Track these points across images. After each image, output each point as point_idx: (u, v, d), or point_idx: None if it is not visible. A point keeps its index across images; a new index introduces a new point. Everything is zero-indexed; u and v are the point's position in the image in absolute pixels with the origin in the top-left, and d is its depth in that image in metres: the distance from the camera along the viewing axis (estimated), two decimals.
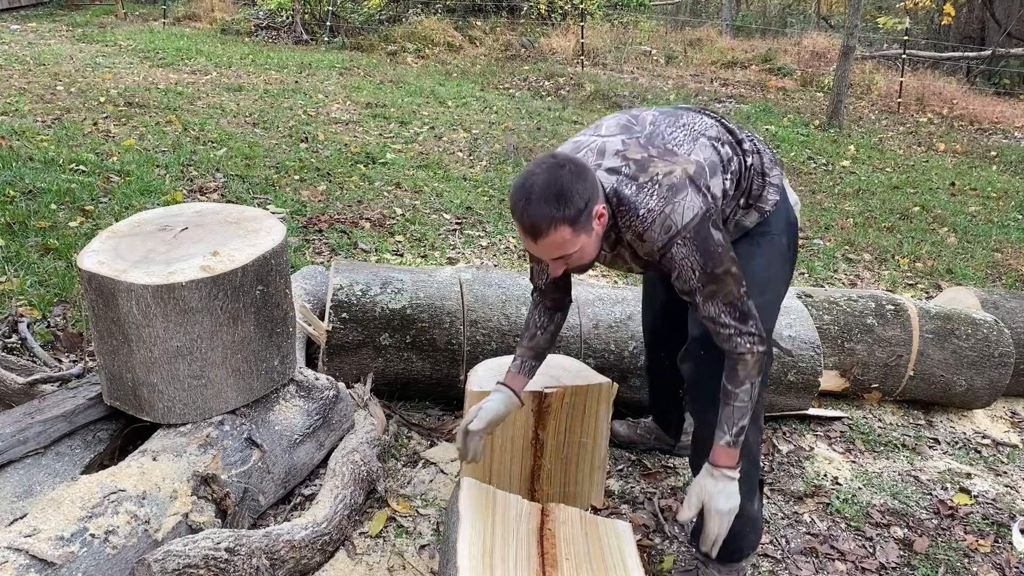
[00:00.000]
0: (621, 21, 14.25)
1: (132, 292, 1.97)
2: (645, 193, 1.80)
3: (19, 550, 1.66)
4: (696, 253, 1.79)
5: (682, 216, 1.78)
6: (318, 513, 2.15)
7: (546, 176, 1.69)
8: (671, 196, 1.79)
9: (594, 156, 1.88)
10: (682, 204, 1.79)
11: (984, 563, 2.49)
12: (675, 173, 1.82)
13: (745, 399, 1.87)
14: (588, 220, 1.72)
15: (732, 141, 2.02)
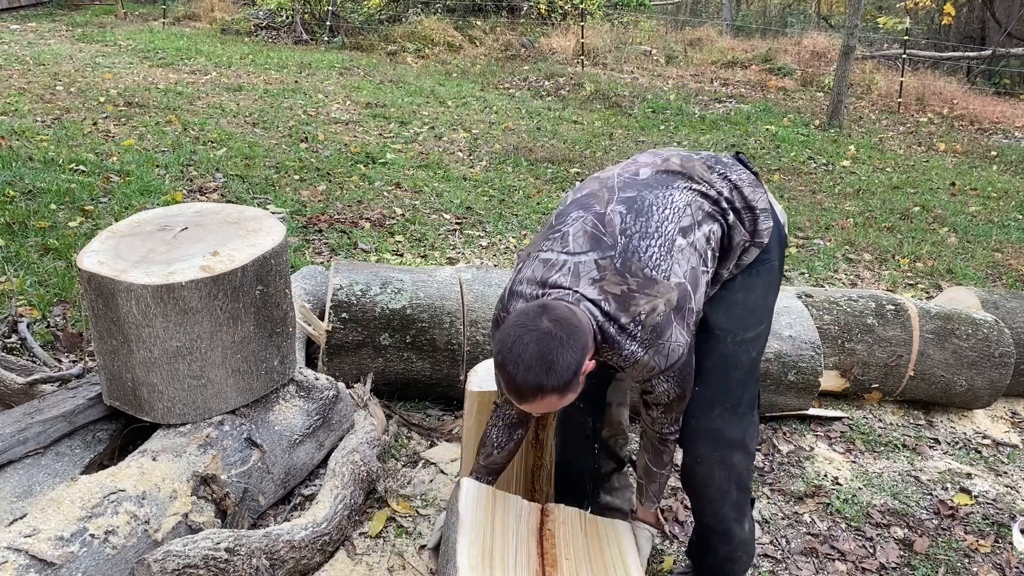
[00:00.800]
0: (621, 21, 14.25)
1: (132, 292, 1.97)
2: (628, 335, 1.73)
3: (19, 550, 1.66)
4: (676, 386, 1.84)
5: (667, 357, 1.76)
6: (318, 513, 2.15)
7: (536, 347, 1.61)
8: (655, 339, 1.74)
9: (569, 279, 1.76)
10: (667, 346, 1.75)
11: (984, 563, 2.49)
12: (658, 310, 1.74)
13: (667, 474, 2.08)
14: (576, 381, 1.66)
15: (708, 212, 1.89)
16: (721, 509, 2.06)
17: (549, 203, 5.52)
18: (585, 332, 1.68)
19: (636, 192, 1.86)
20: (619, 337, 1.73)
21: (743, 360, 1.99)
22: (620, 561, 1.90)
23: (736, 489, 2.04)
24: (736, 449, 2.00)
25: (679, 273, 1.78)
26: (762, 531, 2.53)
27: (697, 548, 2.18)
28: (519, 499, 2.03)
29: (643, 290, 1.74)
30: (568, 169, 6.46)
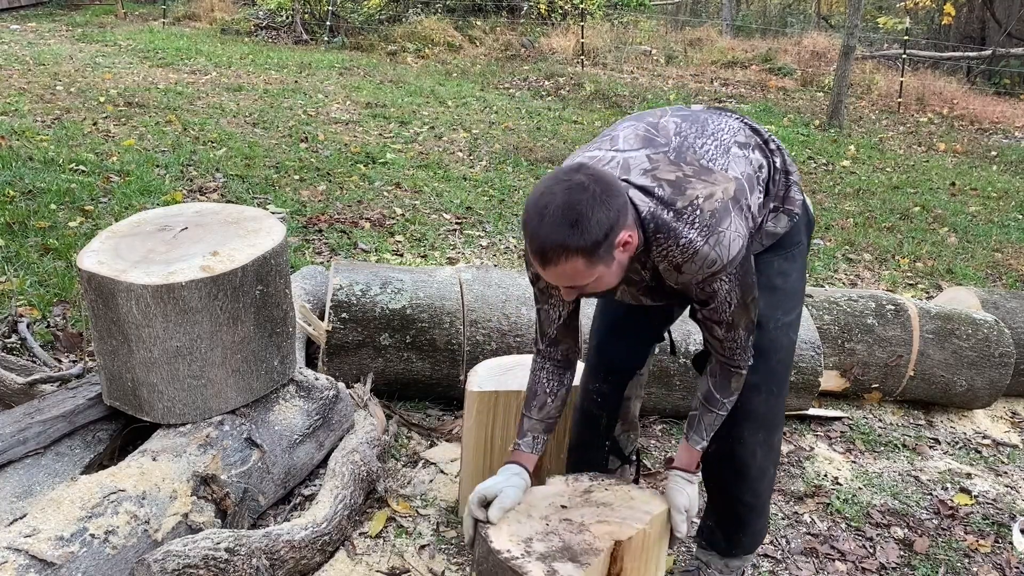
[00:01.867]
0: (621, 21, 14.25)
1: (132, 292, 1.97)
2: (685, 221, 1.59)
3: (19, 550, 1.66)
4: (737, 287, 1.69)
5: (728, 249, 1.61)
6: (318, 513, 2.15)
7: (564, 197, 1.46)
8: (715, 225, 1.60)
9: (619, 172, 1.66)
10: (727, 234, 1.61)
11: (984, 563, 2.49)
12: (716, 196, 1.62)
13: (723, 412, 1.88)
14: (608, 251, 1.51)
15: (759, 143, 1.87)
16: (760, 486, 2.10)
17: None
18: (624, 197, 1.54)
19: (690, 111, 1.87)
20: (675, 224, 1.58)
21: (784, 343, 1.99)
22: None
23: (773, 466, 2.11)
24: (776, 430, 2.07)
25: (736, 170, 1.72)
26: None
27: (726, 529, 2.16)
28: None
29: (699, 176, 1.65)
30: None
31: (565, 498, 1.95)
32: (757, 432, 2.02)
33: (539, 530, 1.82)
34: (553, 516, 1.88)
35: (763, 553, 2.43)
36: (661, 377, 2.96)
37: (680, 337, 2.97)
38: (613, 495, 1.96)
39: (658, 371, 2.95)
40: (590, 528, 1.83)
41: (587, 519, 1.86)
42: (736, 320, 1.74)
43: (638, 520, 1.85)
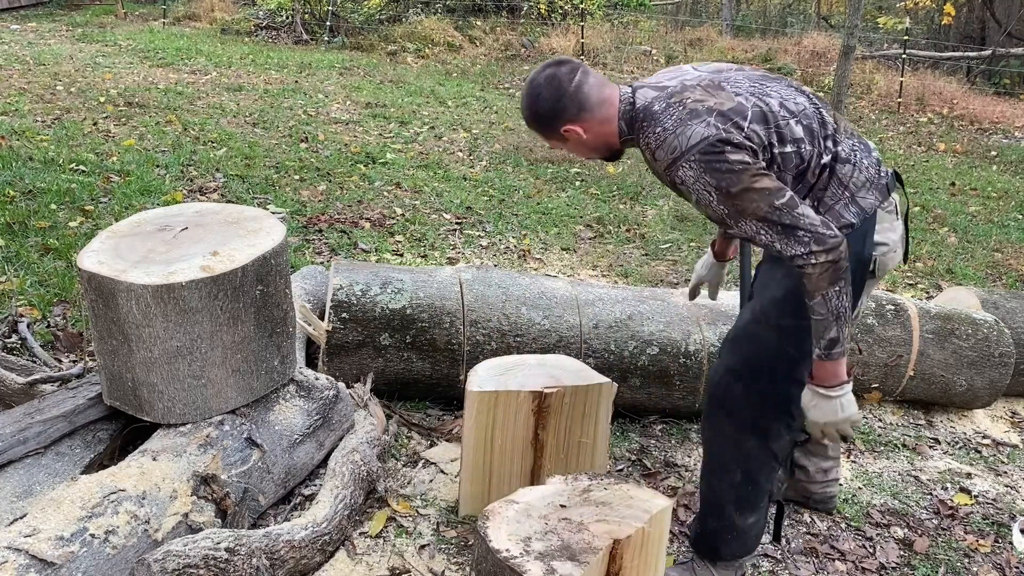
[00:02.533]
0: (621, 21, 14.24)
1: (132, 292, 1.97)
2: (667, 113, 1.82)
3: (19, 550, 1.66)
4: (706, 174, 1.76)
5: (688, 139, 1.76)
6: (318, 513, 2.15)
7: (538, 81, 1.91)
8: (687, 119, 1.78)
9: (665, 77, 1.95)
10: (693, 128, 1.77)
11: (984, 563, 2.49)
12: (704, 102, 1.81)
13: (822, 312, 1.79)
14: (554, 132, 1.92)
15: (818, 130, 1.90)
16: (715, 481, 2.10)
17: (549, 203, 5.52)
18: (575, 95, 1.88)
19: (777, 77, 2.02)
20: (659, 115, 1.83)
21: (769, 344, 1.97)
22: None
23: (740, 472, 2.04)
24: (744, 429, 2.02)
25: (750, 104, 1.84)
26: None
27: (695, 519, 2.23)
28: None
29: (707, 89, 1.85)
30: (568, 169, 6.46)
31: (564, 497, 1.95)
32: (719, 416, 2.04)
33: (538, 529, 1.82)
34: (552, 515, 1.88)
35: (763, 553, 2.43)
36: (661, 377, 2.96)
37: (680, 336, 2.97)
38: (612, 494, 1.96)
39: (658, 371, 2.95)
40: (589, 527, 1.83)
41: (586, 518, 1.87)
42: (732, 209, 1.79)
43: (637, 519, 1.86)
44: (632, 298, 3.09)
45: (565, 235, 4.99)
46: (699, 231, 5.28)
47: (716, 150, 1.75)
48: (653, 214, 5.56)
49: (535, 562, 1.71)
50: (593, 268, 4.55)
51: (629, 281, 4.38)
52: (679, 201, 5.89)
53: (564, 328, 2.91)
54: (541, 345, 2.87)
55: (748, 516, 2.12)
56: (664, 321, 3.00)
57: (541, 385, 2.33)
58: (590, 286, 3.19)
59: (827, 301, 1.78)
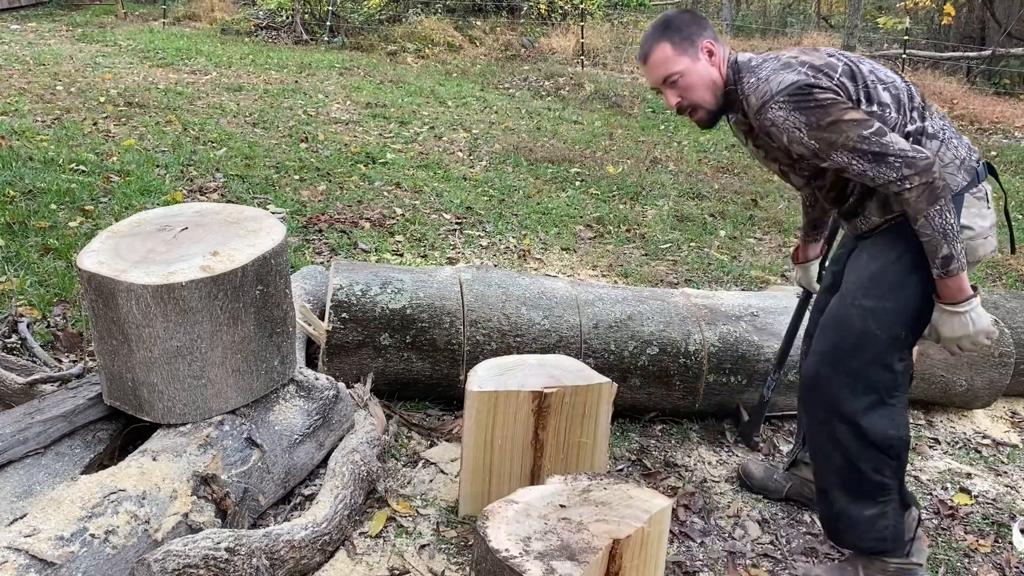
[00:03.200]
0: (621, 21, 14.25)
1: (132, 292, 1.97)
2: (762, 66, 2.00)
3: (19, 550, 1.66)
4: (796, 112, 1.89)
5: (779, 83, 1.91)
6: (318, 513, 2.15)
7: (662, 15, 2.13)
8: (780, 69, 1.94)
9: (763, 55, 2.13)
10: (784, 75, 1.92)
11: (984, 563, 2.49)
12: (800, 59, 1.97)
13: (928, 232, 1.90)
14: (691, 45, 2.05)
15: (905, 102, 2.04)
16: (821, 467, 2.16)
17: (549, 203, 5.52)
18: (709, 27, 2.09)
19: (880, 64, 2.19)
20: (756, 67, 2.01)
21: (855, 326, 2.01)
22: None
23: (839, 456, 2.08)
24: (842, 422, 2.04)
25: (841, 63, 2.01)
26: (761, 530, 2.54)
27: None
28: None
29: (804, 51, 2.04)
30: (568, 169, 6.46)
31: (564, 497, 1.95)
32: (812, 401, 2.10)
33: (537, 529, 1.82)
34: (551, 515, 1.88)
35: (763, 553, 2.43)
36: (661, 377, 2.96)
37: (680, 336, 2.97)
38: (612, 494, 1.96)
39: (658, 371, 2.95)
40: (588, 527, 1.83)
41: (585, 518, 1.87)
42: (823, 143, 1.89)
43: (636, 519, 1.86)
44: (632, 298, 3.09)
45: (565, 235, 4.99)
46: (699, 231, 5.28)
47: (804, 92, 1.89)
48: (653, 214, 5.56)
49: (535, 562, 1.71)
50: (593, 268, 4.55)
51: (629, 281, 4.38)
52: (679, 201, 5.89)
53: (564, 328, 2.91)
54: (541, 345, 2.87)
55: (863, 507, 2.11)
56: (664, 321, 3.00)
57: (541, 385, 2.33)
58: (590, 286, 3.19)
59: (930, 221, 1.88)
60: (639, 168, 6.61)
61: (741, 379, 3.01)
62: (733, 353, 2.99)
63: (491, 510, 1.90)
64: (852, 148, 1.88)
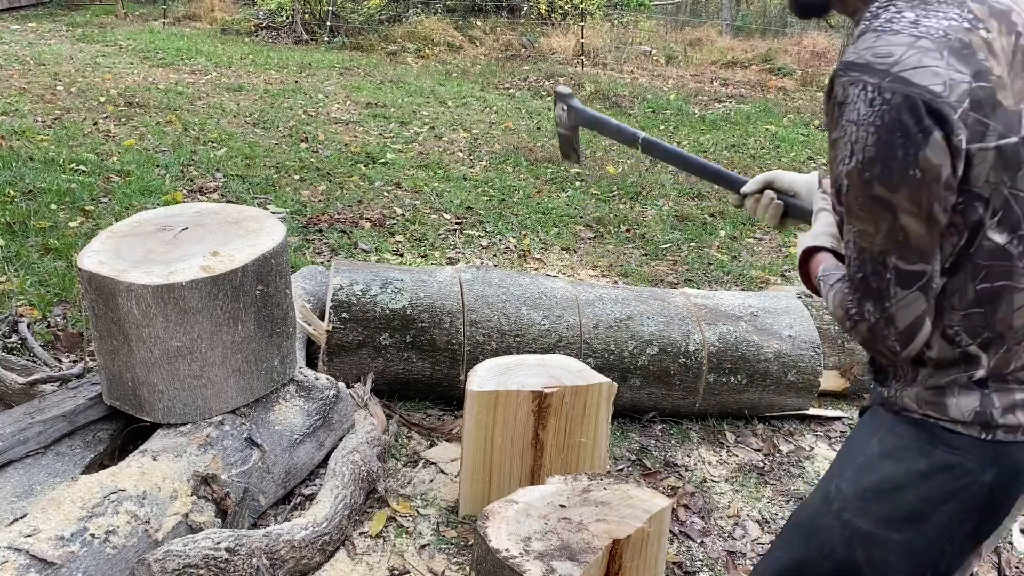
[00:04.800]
0: (621, 21, 14.25)
1: (132, 292, 1.97)
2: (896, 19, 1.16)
3: (19, 550, 1.66)
4: (872, 130, 1.10)
5: (897, 62, 1.10)
6: (318, 513, 2.15)
7: None
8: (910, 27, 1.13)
9: None
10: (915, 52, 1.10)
11: (984, 563, 2.49)
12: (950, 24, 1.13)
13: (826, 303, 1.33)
14: None
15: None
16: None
17: (549, 203, 5.52)
18: None
19: None
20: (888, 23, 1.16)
21: (835, 548, 1.34)
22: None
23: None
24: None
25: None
26: (761, 530, 2.54)
27: None
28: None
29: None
30: (568, 169, 6.46)
31: (564, 497, 1.96)
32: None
33: (537, 529, 1.83)
34: (552, 515, 1.88)
35: (763, 553, 2.43)
36: (661, 377, 2.96)
37: (680, 336, 2.97)
38: (612, 494, 1.96)
39: (658, 371, 2.95)
40: (588, 527, 1.84)
41: (585, 518, 1.87)
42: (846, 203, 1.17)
43: (637, 519, 1.86)
44: (632, 298, 3.09)
45: (565, 235, 4.99)
46: (699, 231, 5.28)
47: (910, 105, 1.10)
48: (653, 214, 5.56)
49: (535, 562, 1.71)
50: (593, 268, 4.55)
51: (629, 281, 4.38)
52: (679, 201, 5.89)
53: (564, 328, 2.91)
54: (541, 345, 2.87)
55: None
56: (664, 321, 3.00)
57: (541, 385, 2.33)
58: (590, 286, 3.19)
59: (829, 309, 1.33)
60: (639, 168, 6.61)
61: (741, 379, 3.01)
62: (733, 353, 2.99)
63: (491, 510, 1.90)
64: (858, 248, 1.20)
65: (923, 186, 1.10)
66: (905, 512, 1.28)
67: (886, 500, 1.29)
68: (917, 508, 1.27)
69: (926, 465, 1.26)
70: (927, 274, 1.16)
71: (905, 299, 1.16)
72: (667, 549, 2.40)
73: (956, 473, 1.24)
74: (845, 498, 1.33)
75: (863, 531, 1.30)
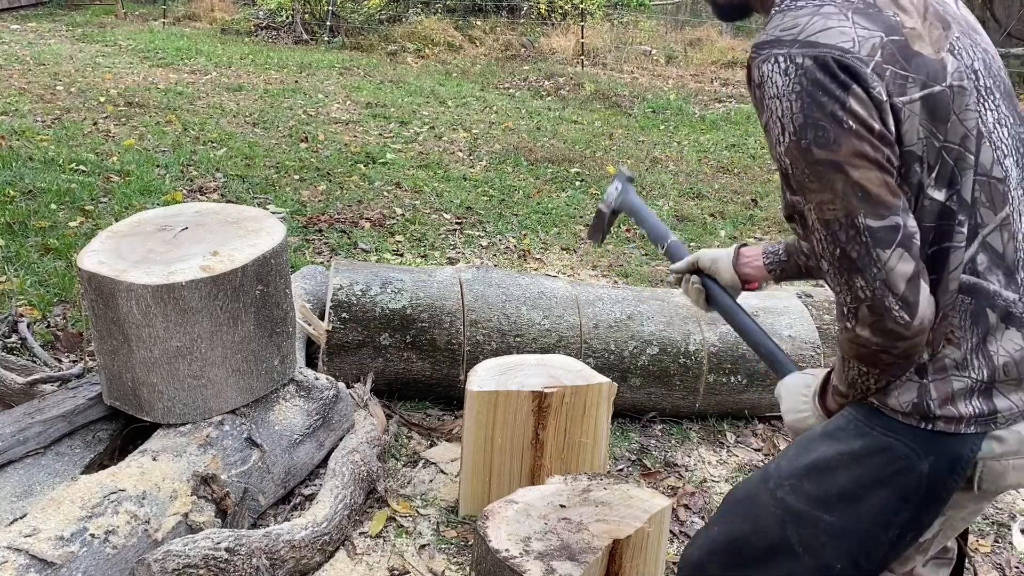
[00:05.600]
0: (621, 21, 14.24)
1: (132, 292, 1.97)
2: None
3: (19, 550, 1.66)
4: (793, 98, 1.11)
5: (802, 30, 1.12)
6: (318, 513, 2.15)
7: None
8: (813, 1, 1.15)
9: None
10: (819, 18, 1.13)
11: (984, 563, 2.49)
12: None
13: (842, 352, 1.25)
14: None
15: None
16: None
17: (549, 203, 5.52)
18: None
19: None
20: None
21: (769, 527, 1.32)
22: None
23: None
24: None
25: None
26: None
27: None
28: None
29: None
30: (568, 169, 6.45)
31: (564, 497, 1.96)
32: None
33: (537, 529, 1.83)
34: (552, 515, 1.88)
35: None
36: (661, 377, 2.96)
37: (680, 336, 2.97)
38: (612, 494, 1.96)
39: (658, 371, 2.95)
40: (588, 527, 1.84)
41: (585, 518, 1.87)
42: (796, 182, 1.16)
43: (637, 519, 1.86)
44: (632, 298, 3.09)
45: (565, 235, 4.99)
46: (699, 231, 5.28)
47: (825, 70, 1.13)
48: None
49: (535, 562, 1.71)
50: (593, 268, 4.55)
51: (629, 281, 4.38)
52: (679, 201, 5.89)
53: (564, 328, 2.91)
54: (541, 345, 2.87)
55: None
56: (664, 321, 3.00)
57: (541, 385, 2.33)
58: (590, 286, 3.19)
59: (846, 370, 1.26)
60: (639, 168, 6.61)
61: (741, 379, 3.01)
62: (733, 353, 2.99)
63: (491, 510, 1.90)
64: (825, 221, 1.15)
65: (859, 137, 1.10)
66: (837, 493, 1.26)
67: (819, 479, 1.27)
68: (849, 489, 1.25)
69: (861, 446, 1.25)
70: (900, 227, 1.12)
71: (890, 260, 1.11)
72: (667, 549, 2.40)
73: (890, 456, 1.22)
74: (781, 476, 1.32)
75: (795, 509, 1.29)
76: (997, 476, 1.22)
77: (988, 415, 1.19)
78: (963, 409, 1.19)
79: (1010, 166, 1.20)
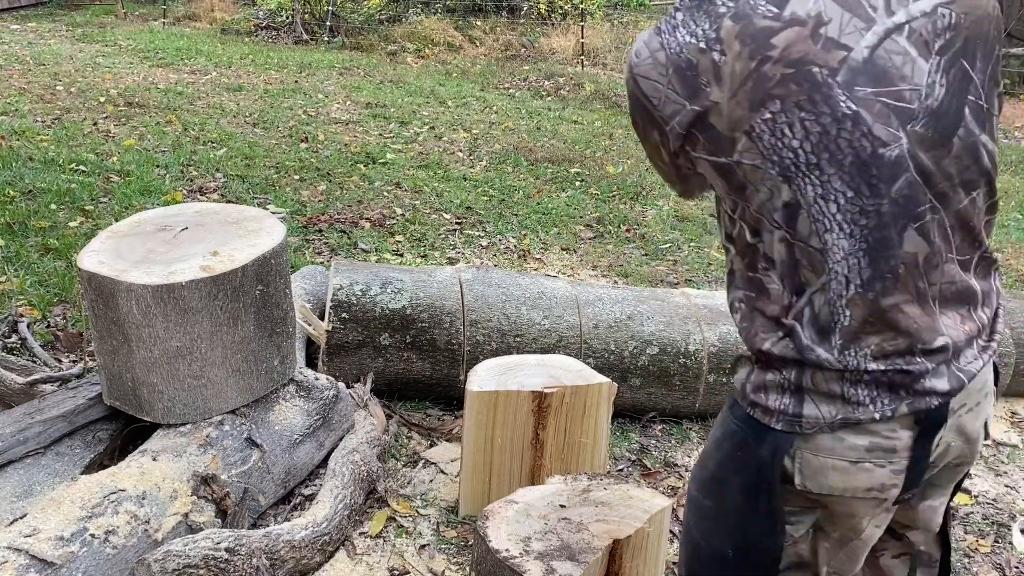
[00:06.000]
0: (621, 21, 14.24)
1: (132, 292, 1.97)
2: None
3: (19, 550, 1.66)
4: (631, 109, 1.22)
5: (640, 52, 1.18)
6: (318, 513, 2.15)
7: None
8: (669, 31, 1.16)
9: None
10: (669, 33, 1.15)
11: (984, 563, 2.49)
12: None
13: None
14: None
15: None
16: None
17: (549, 203, 5.52)
18: None
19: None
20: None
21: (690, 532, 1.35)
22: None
23: None
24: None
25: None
26: None
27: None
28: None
29: None
30: (568, 169, 6.45)
31: (564, 497, 1.96)
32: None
33: (537, 529, 1.83)
34: (552, 515, 1.88)
35: None
36: (661, 377, 2.96)
37: (680, 336, 2.97)
38: (612, 494, 1.96)
39: (658, 371, 2.95)
40: (588, 527, 1.84)
41: (585, 518, 1.87)
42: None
43: (637, 519, 1.86)
44: (632, 298, 3.09)
45: (565, 235, 4.99)
46: (699, 231, 5.28)
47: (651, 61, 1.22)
48: (653, 214, 5.56)
49: (535, 562, 1.71)
50: (593, 268, 4.55)
51: (629, 281, 4.38)
52: (679, 201, 5.89)
53: (564, 328, 2.91)
54: (541, 345, 2.87)
55: None
56: (664, 321, 3.00)
57: (541, 385, 2.33)
58: (590, 286, 3.19)
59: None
60: (639, 168, 6.61)
61: None
62: (733, 353, 2.99)
63: (491, 510, 1.90)
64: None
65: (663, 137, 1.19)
66: (709, 476, 1.28)
67: (700, 464, 1.32)
68: (716, 473, 1.27)
69: (721, 432, 1.27)
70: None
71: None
72: (667, 549, 2.40)
73: (736, 442, 1.23)
74: (693, 471, 1.35)
75: (689, 494, 1.33)
76: (816, 471, 1.17)
77: (794, 417, 1.16)
78: (772, 402, 1.18)
79: (833, 240, 1.13)
